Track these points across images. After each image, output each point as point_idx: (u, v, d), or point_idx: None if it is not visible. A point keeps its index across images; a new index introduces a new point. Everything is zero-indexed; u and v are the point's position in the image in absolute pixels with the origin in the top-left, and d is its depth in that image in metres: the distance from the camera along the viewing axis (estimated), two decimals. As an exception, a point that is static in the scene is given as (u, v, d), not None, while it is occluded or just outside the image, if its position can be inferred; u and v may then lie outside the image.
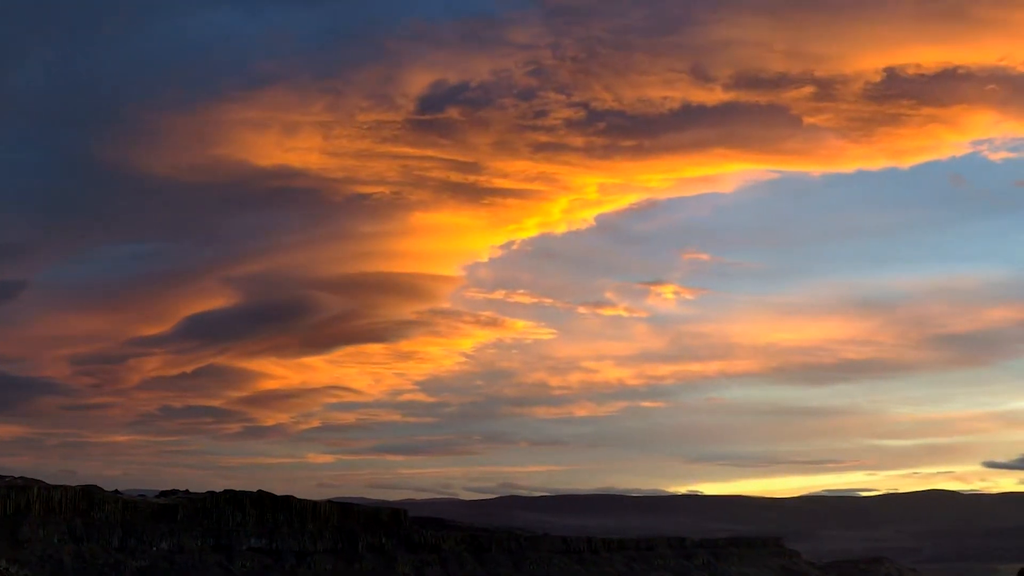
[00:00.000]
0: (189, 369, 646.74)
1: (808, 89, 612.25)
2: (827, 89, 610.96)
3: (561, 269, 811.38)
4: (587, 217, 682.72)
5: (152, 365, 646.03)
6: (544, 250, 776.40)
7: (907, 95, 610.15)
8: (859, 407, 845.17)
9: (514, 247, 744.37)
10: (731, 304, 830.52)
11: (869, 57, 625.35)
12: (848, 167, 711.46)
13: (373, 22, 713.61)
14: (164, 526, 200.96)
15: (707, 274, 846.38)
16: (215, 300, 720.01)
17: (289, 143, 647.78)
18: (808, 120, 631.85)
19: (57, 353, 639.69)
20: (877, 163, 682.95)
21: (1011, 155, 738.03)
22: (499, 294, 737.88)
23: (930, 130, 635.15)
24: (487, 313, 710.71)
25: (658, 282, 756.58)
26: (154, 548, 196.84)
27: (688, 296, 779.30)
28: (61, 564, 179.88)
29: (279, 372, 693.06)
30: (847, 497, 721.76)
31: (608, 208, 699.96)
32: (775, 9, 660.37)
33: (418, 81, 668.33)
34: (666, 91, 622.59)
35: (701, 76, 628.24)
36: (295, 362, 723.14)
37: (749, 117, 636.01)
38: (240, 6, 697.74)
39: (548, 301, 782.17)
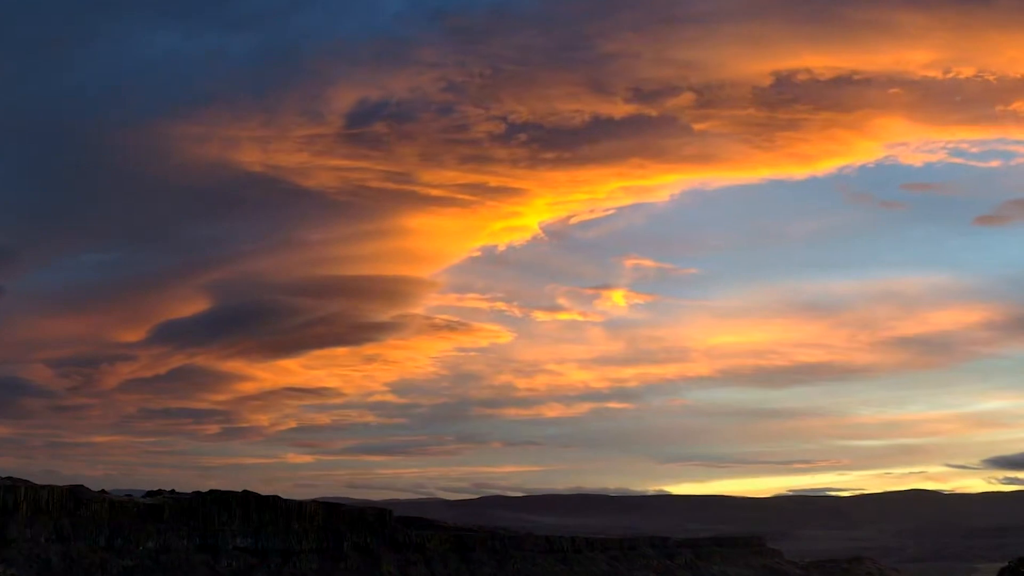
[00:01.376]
0: (165, 372, 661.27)
1: (690, 96, 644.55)
2: (712, 96, 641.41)
3: (512, 276, 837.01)
4: (528, 225, 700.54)
5: (129, 368, 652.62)
6: (492, 258, 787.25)
7: (802, 100, 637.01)
8: (822, 409, 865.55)
9: (464, 254, 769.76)
10: (679, 309, 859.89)
11: (758, 63, 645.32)
12: (764, 174, 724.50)
13: (300, 44, 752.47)
14: (150, 526, 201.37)
15: (652, 280, 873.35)
16: (189, 304, 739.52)
17: (234, 156, 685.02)
18: (698, 127, 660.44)
19: (35, 356, 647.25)
20: (794, 170, 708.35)
21: (929, 159, 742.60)
22: (457, 299, 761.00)
23: (838, 136, 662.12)
24: (447, 317, 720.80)
25: (607, 287, 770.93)
26: (140, 548, 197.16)
27: (639, 301, 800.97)
28: (48, 563, 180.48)
29: (254, 374, 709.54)
30: (826, 497, 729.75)
31: (547, 217, 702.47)
32: (661, 20, 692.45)
33: (344, 98, 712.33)
34: (574, 104, 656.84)
35: (601, 90, 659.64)
36: (269, 364, 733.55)
37: (653, 128, 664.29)
38: (179, 29, 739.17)
39: (503, 306, 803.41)
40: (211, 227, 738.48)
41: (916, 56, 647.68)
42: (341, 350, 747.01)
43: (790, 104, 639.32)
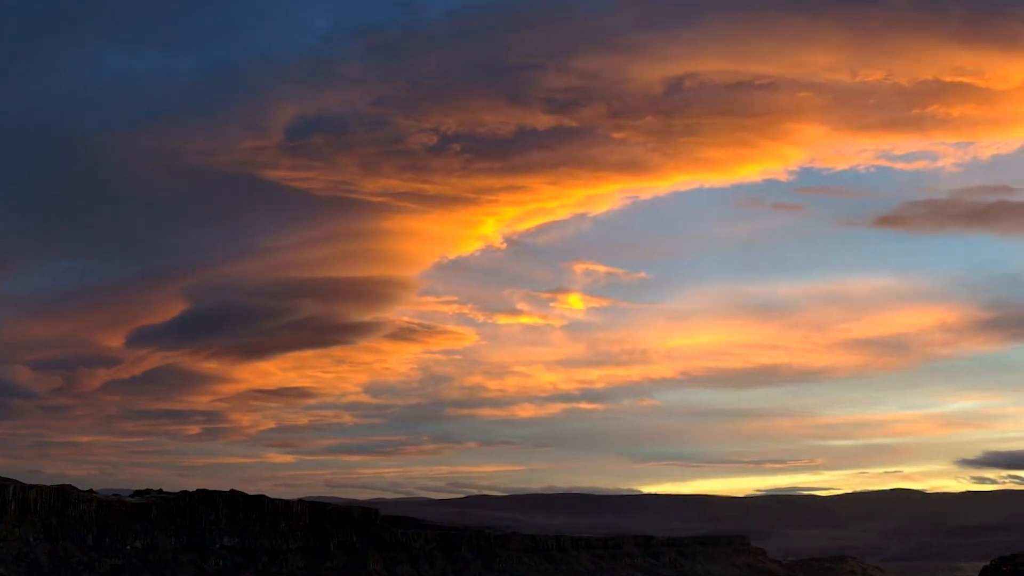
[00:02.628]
0: (146, 374, 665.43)
1: (603, 107, 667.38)
2: (622, 106, 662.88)
3: (468, 281, 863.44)
4: (478, 232, 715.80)
5: (110, 370, 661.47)
6: (449, 264, 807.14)
7: (705, 106, 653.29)
8: (790, 409, 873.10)
9: (424, 260, 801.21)
10: (634, 312, 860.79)
11: (660, 72, 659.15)
12: (688, 182, 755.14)
13: (237, 62, 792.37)
14: (138, 525, 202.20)
15: (603, 284, 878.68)
16: (167, 308, 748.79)
17: (188, 166, 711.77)
18: (617, 135, 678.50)
19: (19, 358, 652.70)
20: (715, 177, 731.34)
21: (854, 162, 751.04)
22: (421, 303, 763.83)
23: (753, 141, 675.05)
24: (412, 320, 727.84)
25: (562, 290, 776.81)
26: (128, 547, 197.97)
27: (595, 304, 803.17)
28: (37, 562, 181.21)
29: (232, 376, 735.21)
30: (808, 496, 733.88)
31: (493, 224, 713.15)
32: (566, 33, 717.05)
33: (282, 113, 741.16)
34: (497, 116, 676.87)
35: (518, 102, 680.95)
36: (246, 366, 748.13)
37: (577, 137, 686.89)
38: (126, 49, 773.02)
39: (465, 310, 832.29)
40: (184, 234, 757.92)
41: (817, 59, 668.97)
42: (311, 352, 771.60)
43: (694, 111, 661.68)
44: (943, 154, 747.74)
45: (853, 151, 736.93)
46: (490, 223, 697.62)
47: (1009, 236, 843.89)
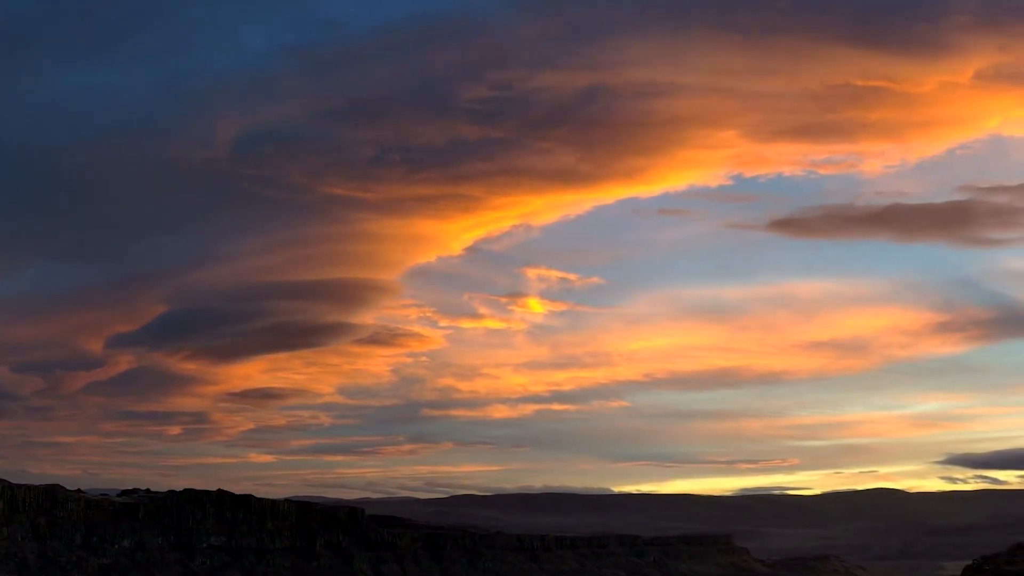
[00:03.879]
0: (126, 376, 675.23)
1: (524, 117, 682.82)
2: (543, 116, 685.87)
3: (428, 286, 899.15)
4: (437, 239, 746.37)
5: (91, 372, 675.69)
6: (408, 270, 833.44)
7: (622, 115, 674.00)
8: (759, 410, 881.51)
9: (380, 265, 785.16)
10: (592, 316, 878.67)
11: (576, 81, 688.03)
12: (619, 193, 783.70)
13: (186, 78, 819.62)
14: (126, 524, 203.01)
15: (559, 290, 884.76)
16: (146, 312, 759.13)
17: (155, 178, 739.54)
18: (544, 145, 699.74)
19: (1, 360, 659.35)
20: (643, 188, 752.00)
21: (775, 171, 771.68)
22: (388, 307, 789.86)
23: (676, 152, 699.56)
24: (381, 323, 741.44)
25: (520, 295, 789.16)
26: (116, 546, 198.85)
27: (554, 309, 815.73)
28: (25, 562, 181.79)
29: (210, 377, 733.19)
30: (789, 496, 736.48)
31: (448, 231, 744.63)
32: (483, 45, 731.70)
33: (230, 128, 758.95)
34: (431, 128, 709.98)
35: (446, 115, 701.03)
36: (224, 368, 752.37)
37: (509, 147, 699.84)
38: (82, 66, 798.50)
39: (429, 313, 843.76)
40: (160, 239, 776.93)
41: (731, 66, 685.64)
42: (284, 354, 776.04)
43: (612, 121, 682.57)
44: (868, 158, 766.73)
45: (777, 157, 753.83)
46: (441, 230, 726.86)
47: (948, 240, 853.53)
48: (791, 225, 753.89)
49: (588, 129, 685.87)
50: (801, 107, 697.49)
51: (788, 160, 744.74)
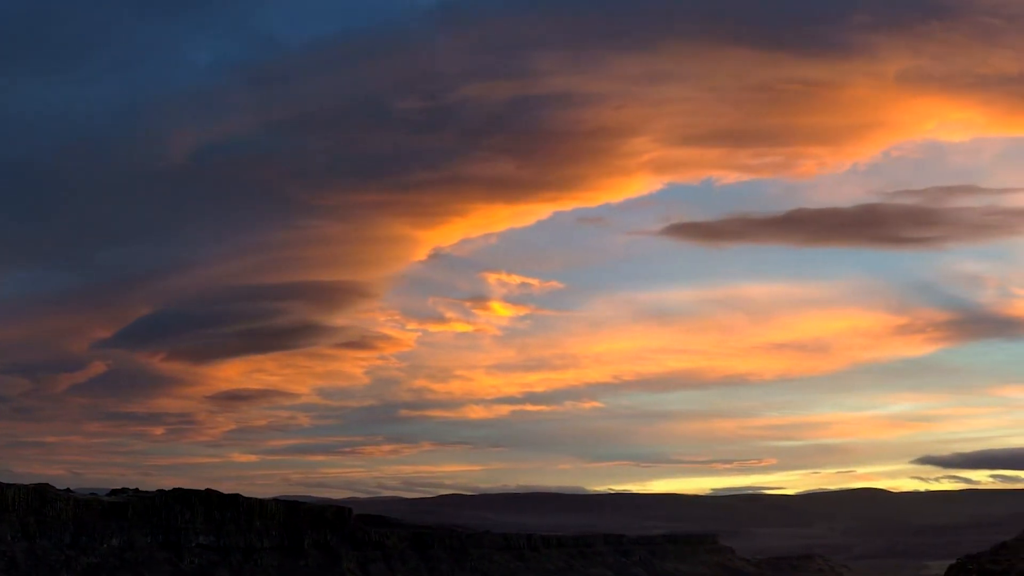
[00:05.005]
0: (110, 378, 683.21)
1: (454, 130, 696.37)
2: (466, 127, 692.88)
3: (392, 290, 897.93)
4: (398, 244, 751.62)
5: (74, 374, 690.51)
6: (374, 275, 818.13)
7: (557, 126, 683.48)
8: (730, 411, 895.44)
9: (347, 270, 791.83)
10: (555, 320, 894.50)
11: (503, 92, 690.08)
12: (553, 205, 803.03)
13: (141, 94, 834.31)
14: (114, 524, 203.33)
15: (520, 294, 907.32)
16: (128, 314, 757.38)
17: (124, 187, 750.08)
18: (480, 154, 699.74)
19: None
20: (578, 201, 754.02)
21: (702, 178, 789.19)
22: (357, 311, 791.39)
23: (611, 162, 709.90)
24: (353, 326, 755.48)
25: (484, 299, 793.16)
26: (105, 545, 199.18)
27: (519, 312, 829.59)
28: (14, 561, 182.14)
29: (190, 379, 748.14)
30: (773, 495, 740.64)
31: (408, 237, 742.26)
32: (412, 60, 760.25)
33: (186, 140, 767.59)
34: (377, 139, 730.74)
35: (385, 125, 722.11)
36: (203, 369, 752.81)
37: (450, 156, 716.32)
38: (47, 85, 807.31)
39: (397, 316, 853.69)
40: (138, 246, 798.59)
41: (644, 72, 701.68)
42: (262, 356, 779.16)
43: (544, 130, 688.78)
44: (801, 162, 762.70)
45: (707, 163, 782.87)
46: (400, 236, 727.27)
47: (892, 244, 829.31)
48: (731, 230, 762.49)
49: (521, 138, 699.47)
50: (724, 112, 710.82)
51: (720, 166, 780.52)
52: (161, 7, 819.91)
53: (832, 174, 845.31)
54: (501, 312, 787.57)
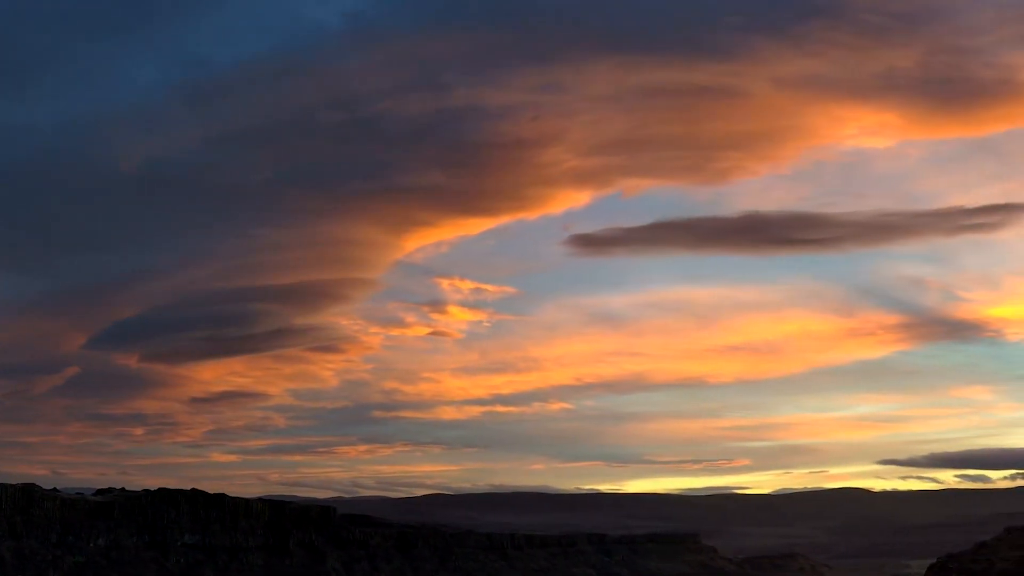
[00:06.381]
0: (89, 380, 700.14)
1: (398, 147, 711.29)
2: (403, 148, 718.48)
3: (354, 294, 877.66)
4: (360, 252, 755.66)
5: (56, 376, 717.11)
6: (331, 280, 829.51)
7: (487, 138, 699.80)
8: (693, 412, 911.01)
9: (308, 274, 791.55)
10: (512, 324, 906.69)
11: (434, 104, 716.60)
12: (514, 211, 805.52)
13: (87, 112, 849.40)
14: (101, 523, 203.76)
15: (476, 300, 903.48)
16: (110, 316, 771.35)
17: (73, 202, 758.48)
18: (412, 166, 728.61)
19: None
20: (526, 204, 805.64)
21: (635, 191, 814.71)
22: (321, 315, 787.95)
23: (541, 173, 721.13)
24: (320, 329, 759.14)
25: (441, 304, 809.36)
26: (91, 544, 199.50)
27: (476, 318, 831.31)
28: (1, 559, 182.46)
29: (169, 380, 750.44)
30: (754, 495, 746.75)
31: (366, 243, 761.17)
32: (349, 76, 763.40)
33: (133, 155, 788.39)
34: (321, 152, 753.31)
35: (318, 138, 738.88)
36: (182, 371, 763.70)
37: (380, 167, 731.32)
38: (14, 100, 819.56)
39: (360, 320, 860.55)
40: (96, 256, 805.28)
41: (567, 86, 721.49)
42: (234, 358, 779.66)
43: (471, 142, 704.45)
44: (730, 169, 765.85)
45: (626, 173, 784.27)
46: (351, 241, 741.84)
47: (828, 249, 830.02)
48: (662, 236, 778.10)
49: (445, 150, 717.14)
50: (628, 120, 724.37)
51: (652, 173, 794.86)
52: (105, 30, 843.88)
53: (757, 181, 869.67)
54: (460, 316, 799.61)
